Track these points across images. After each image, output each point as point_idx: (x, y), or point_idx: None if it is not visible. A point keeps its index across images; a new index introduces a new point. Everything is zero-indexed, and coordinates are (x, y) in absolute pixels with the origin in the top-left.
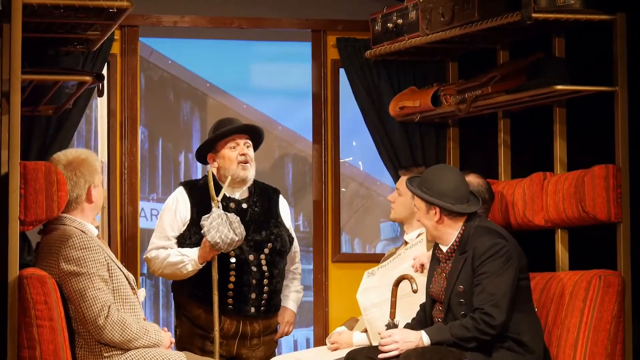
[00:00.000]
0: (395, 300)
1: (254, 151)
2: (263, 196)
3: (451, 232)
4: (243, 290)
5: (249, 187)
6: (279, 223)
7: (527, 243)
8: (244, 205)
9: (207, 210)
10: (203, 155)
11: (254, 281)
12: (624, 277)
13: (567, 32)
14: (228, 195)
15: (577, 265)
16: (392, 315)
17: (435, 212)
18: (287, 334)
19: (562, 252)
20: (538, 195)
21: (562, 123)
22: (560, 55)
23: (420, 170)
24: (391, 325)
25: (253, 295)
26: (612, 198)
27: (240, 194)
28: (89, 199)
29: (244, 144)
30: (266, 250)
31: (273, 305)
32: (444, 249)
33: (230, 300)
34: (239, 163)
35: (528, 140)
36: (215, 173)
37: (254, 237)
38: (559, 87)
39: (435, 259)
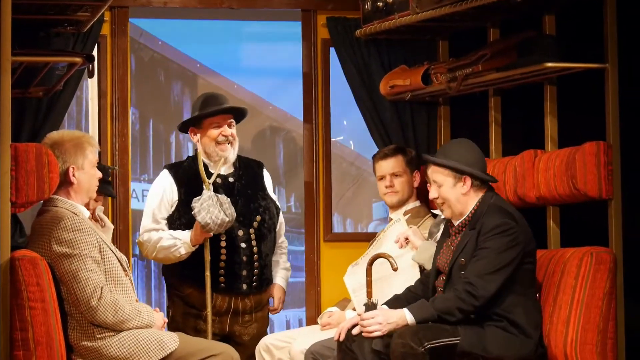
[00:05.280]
0: (371, 280)
1: (237, 123)
2: (248, 170)
3: (470, 205)
4: (234, 268)
5: (233, 162)
6: (266, 195)
7: None
8: (231, 179)
9: (195, 189)
10: (185, 126)
11: (244, 258)
12: (616, 253)
13: (558, 10)
14: (213, 171)
15: (568, 242)
16: (369, 294)
17: (464, 183)
18: (277, 312)
19: (553, 229)
20: (529, 172)
21: (552, 100)
22: (551, 32)
23: (388, 151)
24: (370, 305)
25: (244, 272)
26: (603, 175)
27: (225, 168)
28: (68, 181)
29: (227, 124)
30: (255, 224)
31: (264, 280)
32: (456, 222)
33: (222, 279)
34: (217, 143)
35: (519, 117)
36: (198, 148)
37: (242, 210)
38: (550, 64)
39: (447, 233)
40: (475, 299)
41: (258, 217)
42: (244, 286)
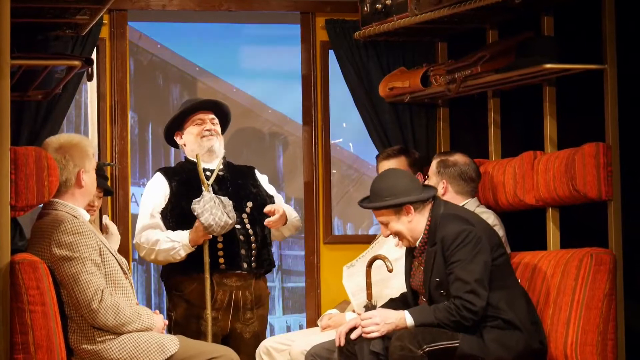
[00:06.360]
0: (371, 282)
1: (223, 132)
2: (238, 169)
3: (422, 224)
4: (232, 248)
5: (223, 162)
6: (258, 185)
7: (518, 222)
8: (221, 173)
9: (186, 182)
10: (171, 134)
11: (241, 237)
12: (616, 254)
13: (556, 11)
14: (204, 167)
15: (568, 243)
16: (369, 296)
17: (407, 213)
18: (275, 214)
19: (553, 231)
20: (529, 174)
21: (552, 102)
22: (549, 33)
23: (391, 151)
24: (369, 307)
25: (243, 251)
26: (603, 176)
27: (215, 164)
28: (78, 184)
29: (210, 120)
30: (247, 209)
31: (264, 260)
32: (416, 244)
33: (221, 260)
34: (202, 137)
35: (518, 119)
36: (184, 152)
37: (234, 196)
38: (548, 65)
39: (410, 254)
40: (475, 315)
41: (250, 203)
42: (244, 264)
